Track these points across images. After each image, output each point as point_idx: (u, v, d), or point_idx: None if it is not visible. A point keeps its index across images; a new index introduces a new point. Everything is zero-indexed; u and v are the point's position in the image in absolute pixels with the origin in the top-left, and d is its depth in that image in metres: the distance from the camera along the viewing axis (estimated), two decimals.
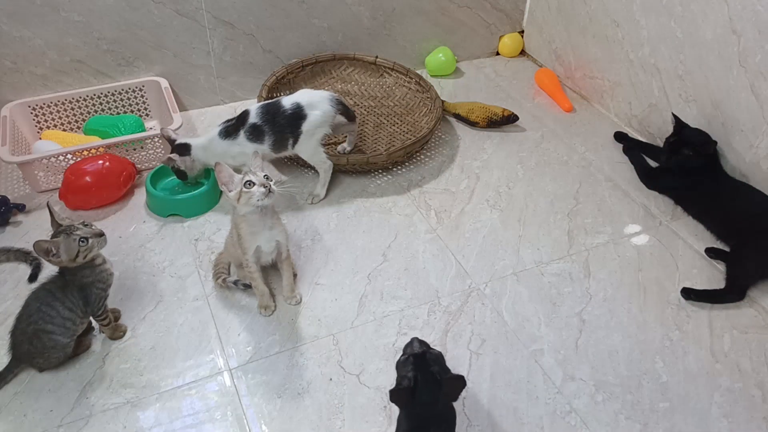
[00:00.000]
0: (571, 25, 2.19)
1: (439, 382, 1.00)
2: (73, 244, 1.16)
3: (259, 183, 1.24)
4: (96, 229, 1.21)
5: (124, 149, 1.74)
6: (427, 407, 1.01)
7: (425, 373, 1.01)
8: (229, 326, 1.38)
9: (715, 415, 1.23)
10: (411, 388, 0.99)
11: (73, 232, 1.17)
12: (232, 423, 1.19)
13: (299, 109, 1.61)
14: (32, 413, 1.19)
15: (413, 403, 1.00)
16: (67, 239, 1.16)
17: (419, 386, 0.99)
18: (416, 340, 1.09)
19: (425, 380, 1.00)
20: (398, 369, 1.07)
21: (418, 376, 1.00)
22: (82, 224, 1.20)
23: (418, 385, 0.99)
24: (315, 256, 1.55)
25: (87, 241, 1.18)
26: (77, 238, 1.17)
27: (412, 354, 1.05)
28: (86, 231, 1.19)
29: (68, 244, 1.16)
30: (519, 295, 1.47)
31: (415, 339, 1.09)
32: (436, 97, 1.98)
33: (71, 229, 1.18)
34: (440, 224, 1.66)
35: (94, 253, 1.21)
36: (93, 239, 1.19)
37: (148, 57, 1.94)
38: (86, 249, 1.18)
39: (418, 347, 1.07)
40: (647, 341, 1.37)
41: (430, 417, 1.01)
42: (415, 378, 1.00)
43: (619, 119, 2.09)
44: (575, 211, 1.72)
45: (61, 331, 1.21)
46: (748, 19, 1.55)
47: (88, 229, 1.20)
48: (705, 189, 1.67)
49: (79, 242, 1.17)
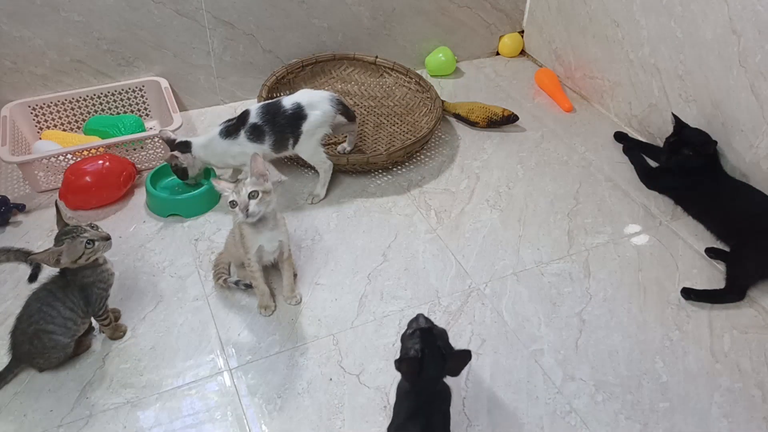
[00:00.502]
0: (571, 25, 2.19)
1: (444, 357, 1.02)
2: (78, 246, 1.16)
3: (241, 206, 1.23)
4: (103, 233, 1.21)
5: (124, 149, 1.74)
6: (431, 382, 1.03)
7: (431, 347, 1.02)
8: (229, 326, 1.38)
9: (715, 415, 1.23)
10: (419, 358, 1.00)
11: (80, 234, 1.17)
12: (232, 423, 1.19)
13: (299, 109, 1.61)
14: (32, 413, 1.19)
15: (418, 376, 1.01)
16: (73, 241, 1.16)
17: (426, 359, 1.01)
18: (422, 316, 1.10)
19: (431, 354, 1.01)
20: (404, 342, 1.08)
21: (426, 349, 1.01)
22: (89, 226, 1.20)
23: (425, 358, 1.01)
24: (315, 256, 1.55)
25: (93, 244, 1.18)
26: (84, 240, 1.16)
27: (418, 328, 1.06)
28: (93, 234, 1.19)
29: (73, 247, 1.16)
30: (519, 295, 1.47)
31: (420, 315, 1.11)
32: (436, 97, 1.98)
33: (78, 231, 1.17)
34: (440, 224, 1.66)
35: (97, 256, 1.21)
36: (99, 242, 1.19)
37: (148, 57, 1.94)
38: (91, 252, 1.18)
39: (424, 322, 1.08)
40: (647, 341, 1.37)
41: (432, 394, 1.04)
42: (422, 351, 1.01)
43: (619, 119, 2.09)
44: (575, 211, 1.72)
45: (62, 331, 1.21)
46: (748, 19, 1.55)
47: (95, 231, 1.20)
48: (705, 189, 1.67)
49: (85, 245, 1.17)
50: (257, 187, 1.23)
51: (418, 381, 1.03)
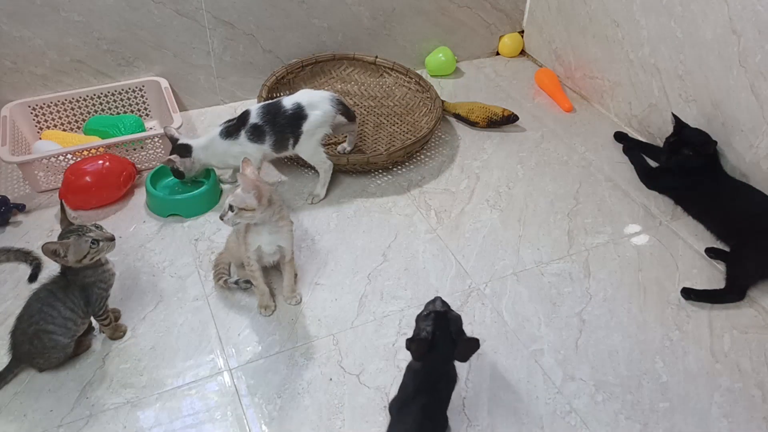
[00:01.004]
0: (571, 25, 2.19)
1: (455, 342, 1.05)
2: (84, 245, 1.16)
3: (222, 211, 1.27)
4: (108, 233, 1.21)
5: (124, 149, 1.74)
6: (439, 364, 1.07)
7: (444, 330, 1.06)
8: (229, 326, 1.38)
9: (715, 415, 1.23)
10: (429, 340, 1.04)
11: (86, 234, 1.17)
12: (232, 423, 1.19)
13: (300, 109, 1.61)
14: (32, 413, 1.19)
15: (427, 357, 1.05)
16: (78, 240, 1.16)
17: (436, 342, 1.04)
18: (439, 299, 1.12)
19: (443, 337, 1.05)
20: (418, 322, 1.11)
21: (437, 332, 1.05)
22: (94, 226, 1.20)
23: (435, 341, 1.04)
24: (315, 256, 1.55)
25: (98, 244, 1.18)
26: (89, 240, 1.17)
27: (434, 311, 1.09)
28: (98, 234, 1.19)
29: (79, 245, 1.16)
30: (519, 295, 1.47)
31: (438, 298, 1.13)
32: (436, 97, 1.98)
33: (83, 230, 1.18)
34: (440, 224, 1.66)
35: (101, 256, 1.21)
36: (104, 242, 1.19)
37: (148, 57, 1.94)
38: (96, 251, 1.18)
39: (440, 305, 1.10)
40: (647, 341, 1.37)
41: (439, 374, 1.08)
42: (434, 333, 1.05)
43: (619, 119, 2.09)
44: (575, 211, 1.72)
45: (62, 331, 1.21)
46: (748, 19, 1.55)
47: (100, 232, 1.20)
48: (705, 189, 1.67)
49: (90, 244, 1.17)
50: (237, 201, 1.25)
51: (426, 362, 1.07)
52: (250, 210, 1.25)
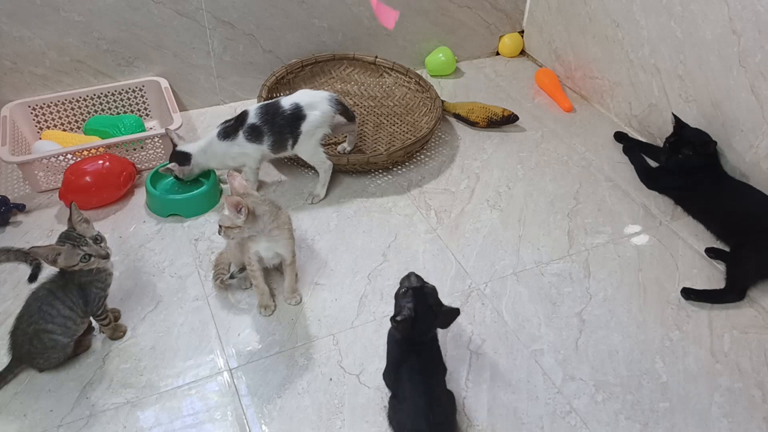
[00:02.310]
0: (571, 25, 2.19)
1: (435, 313, 1.12)
2: (75, 257, 1.17)
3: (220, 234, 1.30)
4: (103, 251, 1.21)
5: (124, 149, 1.74)
6: (421, 335, 1.13)
7: (423, 304, 1.11)
8: (229, 326, 1.38)
9: (715, 415, 1.23)
10: (413, 317, 1.09)
11: (80, 246, 1.18)
12: (232, 423, 1.19)
13: (298, 109, 1.61)
14: (32, 413, 1.19)
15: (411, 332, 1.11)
16: (72, 250, 1.17)
17: (417, 317, 1.10)
18: (413, 274, 1.17)
19: (423, 311, 1.10)
20: (397, 299, 1.15)
21: (418, 307, 1.10)
22: (93, 239, 1.20)
23: (417, 315, 1.10)
24: (315, 256, 1.55)
25: (89, 259, 1.18)
26: (81, 254, 1.17)
27: (410, 287, 1.13)
28: (93, 249, 1.19)
29: (70, 256, 1.17)
30: (519, 295, 1.47)
31: (412, 273, 1.17)
32: (436, 97, 1.98)
33: (80, 242, 1.18)
34: (440, 224, 1.66)
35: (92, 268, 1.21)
36: (96, 259, 1.19)
37: (148, 57, 1.94)
38: (86, 264, 1.19)
39: (415, 281, 1.15)
40: (647, 341, 1.37)
41: (420, 344, 1.14)
42: (415, 309, 1.10)
43: (619, 119, 2.09)
44: (575, 211, 1.72)
45: (62, 331, 1.21)
46: (748, 19, 1.55)
47: (96, 247, 1.20)
48: (705, 189, 1.67)
49: (81, 258, 1.18)
50: (222, 221, 1.27)
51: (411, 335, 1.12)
52: (236, 228, 1.26)
